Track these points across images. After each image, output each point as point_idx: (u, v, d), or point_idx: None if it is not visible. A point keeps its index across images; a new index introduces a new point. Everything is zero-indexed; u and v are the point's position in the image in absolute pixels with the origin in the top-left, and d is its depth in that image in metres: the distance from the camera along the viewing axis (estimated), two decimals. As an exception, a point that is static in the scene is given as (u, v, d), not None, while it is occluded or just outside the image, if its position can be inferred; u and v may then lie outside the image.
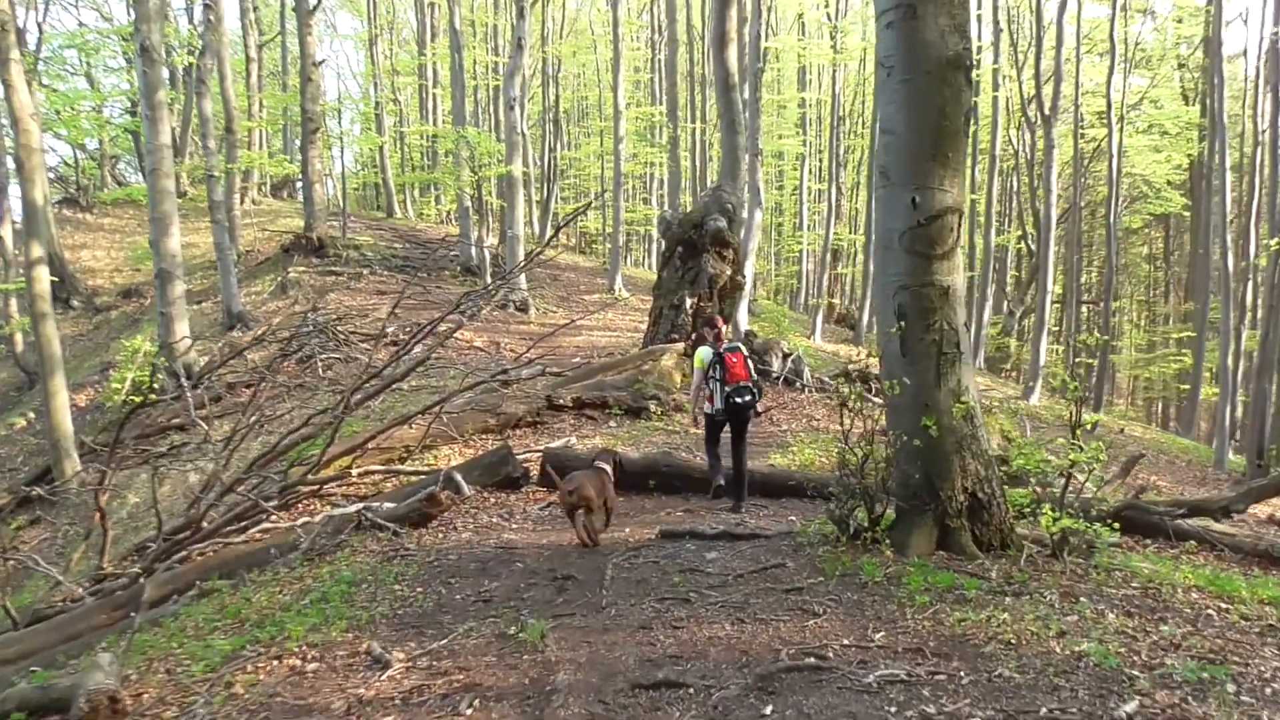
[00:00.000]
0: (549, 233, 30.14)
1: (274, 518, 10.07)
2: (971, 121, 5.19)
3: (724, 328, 9.20)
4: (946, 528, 5.84)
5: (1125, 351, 36.41)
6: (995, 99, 29.54)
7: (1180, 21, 34.07)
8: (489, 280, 23.00)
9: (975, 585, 5.06)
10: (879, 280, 6.11)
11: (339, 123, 28.15)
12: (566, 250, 38.80)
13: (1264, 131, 20.71)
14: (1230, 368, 19.37)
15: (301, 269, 25.24)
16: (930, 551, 5.80)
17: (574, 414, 13.74)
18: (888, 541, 5.87)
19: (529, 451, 11.05)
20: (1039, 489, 6.31)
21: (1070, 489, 6.15)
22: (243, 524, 9.78)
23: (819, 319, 24.57)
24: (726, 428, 8.63)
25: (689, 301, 16.36)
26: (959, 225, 5.81)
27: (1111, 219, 19.94)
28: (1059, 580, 5.44)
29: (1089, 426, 15.35)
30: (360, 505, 8.36)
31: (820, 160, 37.17)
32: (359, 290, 23.99)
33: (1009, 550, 5.86)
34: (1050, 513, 5.81)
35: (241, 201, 34.44)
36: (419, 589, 6.20)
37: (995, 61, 29.17)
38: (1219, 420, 19.37)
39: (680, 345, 15.43)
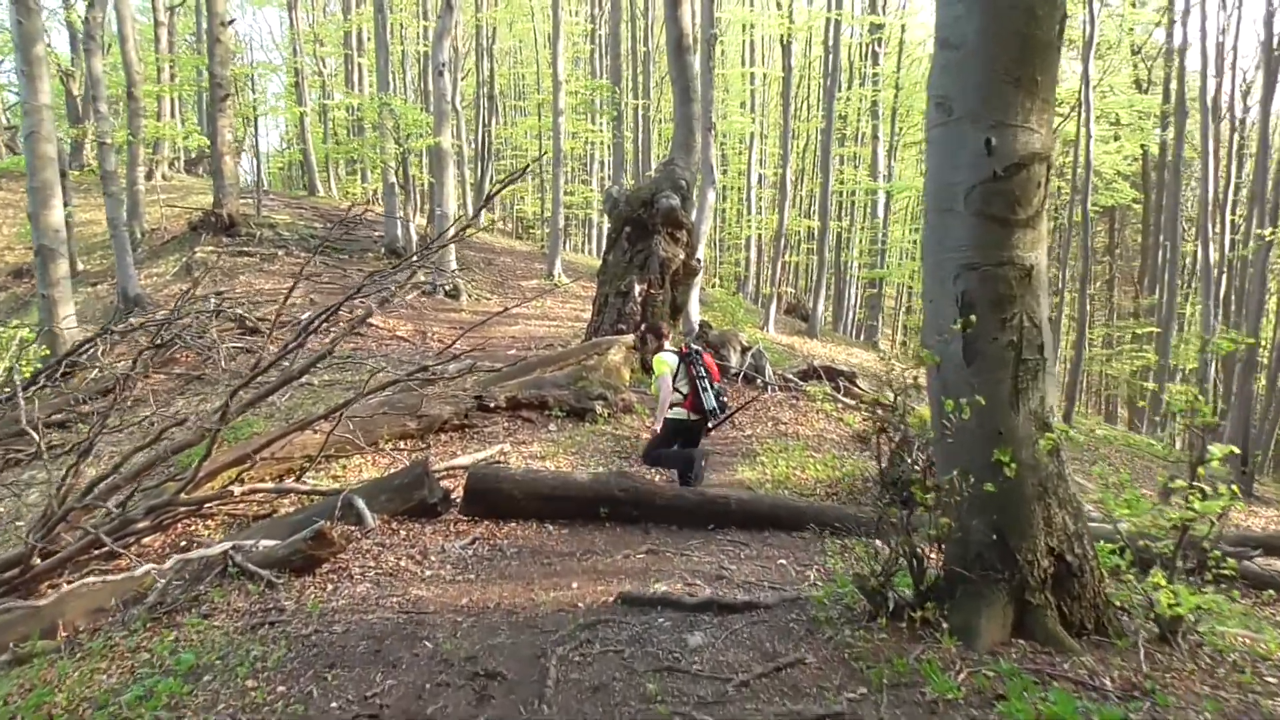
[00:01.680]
0: (484, 207, 28.11)
1: (131, 547, 8.19)
2: (1064, 33, 3.47)
3: (666, 335, 9.13)
4: (1026, 604, 4.19)
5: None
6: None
7: (1135, 5, 33.21)
8: (419, 267, 20.97)
9: (1104, 715, 3.38)
10: (931, 257, 4.42)
11: (251, 91, 25.63)
12: (502, 234, 36.72)
13: (1245, 115, 19.68)
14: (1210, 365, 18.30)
15: (209, 249, 22.89)
16: (1005, 639, 4.15)
17: (508, 416, 11.93)
18: (944, 625, 4.19)
19: (452, 467, 9.21)
20: (1133, 546, 4.69)
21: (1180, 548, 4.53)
22: (107, 549, 7.89)
23: (772, 310, 22.99)
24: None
25: (638, 288, 14.61)
26: (1047, 180, 4.14)
27: (1086, 208, 18.68)
28: (1190, 682, 3.83)
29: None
30: (229, 544, 6.44)
31: (769, 142, 35.65)
32: (273, 273, 21.77)
33: (1108, 634, 4.23)
34: (1164, 583, 4.20)
35: (150, 176, 31.72)
36: (280, 687, 4.37)
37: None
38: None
39: (629, 338, 13.67)
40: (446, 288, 19.96)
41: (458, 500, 7.66)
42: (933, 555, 4.51)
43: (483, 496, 7.33)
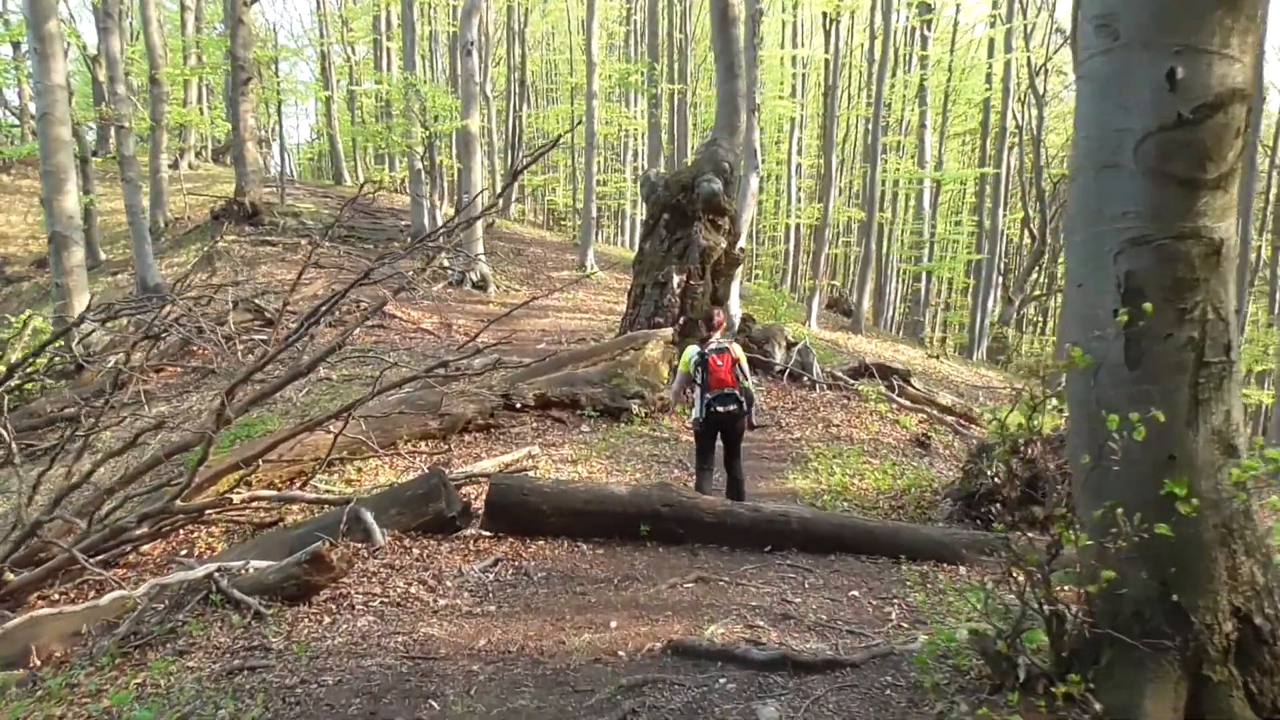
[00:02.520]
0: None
1: (129, 555, 7.42)
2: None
3: (720, 325, 7.77)
4: (1203, 679, 3.22)
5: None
6: (1008, 63, 26.97)
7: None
8: (445, 255, 20.14)
9: None
10: (1082, 230, 3.44)
11: (276, 74, 24.87)
12: (533, 226, 35.88)
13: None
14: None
15: (231, 238, 22.21)
16: (1179, 727, 3.17)
17: (537, 415, 11.05)
18: (1095, 705, 3.21)
19: (473, 475, 8.32)
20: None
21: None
22: (99, 558, 7.16)
23: (815, 303, 21.96)
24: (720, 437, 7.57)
25: (676, 279, 13.66)
26: (1246, 126, 3.15)
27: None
28: None
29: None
30: (214, 566, 5.59)
31: (807, 132, 34.51)
32: (295, 262, 21.01)
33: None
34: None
35: (176, 165, 31.22)
36: (249, 765, 3.49)
37: (1008, 20, 26.59)
38: None
39: (668, 331, 12.73)
40: (474, 278, 19.13)
41: (479, 513, 6.77)
42: (1073, 608, 3.53)
43: (507, 511, 6.43)
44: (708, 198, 13.63)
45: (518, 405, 10.97)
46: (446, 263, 20.39)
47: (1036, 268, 36.25)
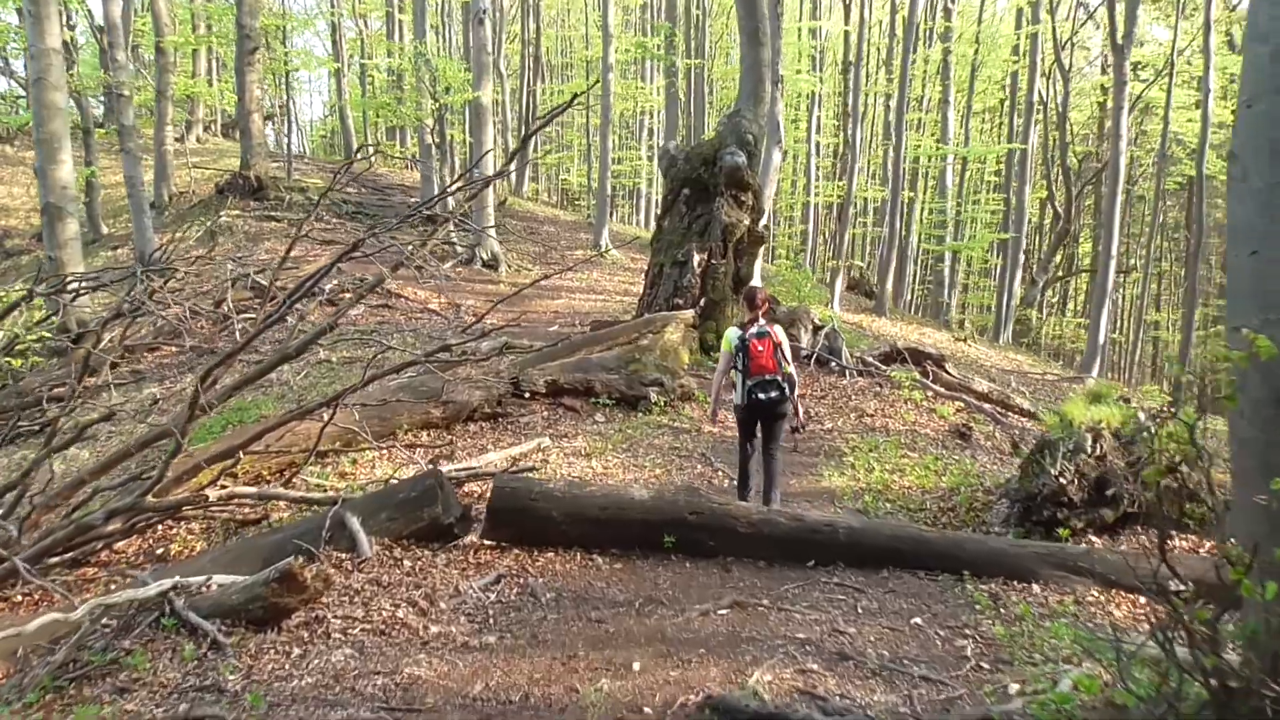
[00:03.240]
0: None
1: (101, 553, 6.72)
2: None
3: (764, 305, 7.25)
4: None
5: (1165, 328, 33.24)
6: (1035, 35, 25.84)
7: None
8: (452, 231, 19.32)
9: None
10: (1259, 175, 2.59)
11: (283, 41, 23.92)
12: (546, 205, 35.00)
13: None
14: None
15: (235, 213, 21.45)
16: None
17: (548, 404, 10.25)
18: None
19: (475, 472, 7.54)
20: None
21: None
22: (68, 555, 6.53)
23: (838, 285, 21.05)
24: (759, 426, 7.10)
25: (697, 257, 12.81)
26: None
27: (1201, 167, 16.52)
28: None
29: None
30: (169, 584, 4.81)
31: (826, 110, 33.46)
32: (301, 238, 20.23)
33: None
34: None
35: (184, 139, 30.47)
36: None
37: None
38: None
39: (688, 313, 11.89)
40: (484, 257, 18.31)
41: (481, 517, 5.96)
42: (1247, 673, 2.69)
43: (512, 518, 5.63)
44: (730, 171, 12.76)
45: (527, 393, 10.18)
46: (455, 240, 19.58)
47: (1060, 248, 35.16)
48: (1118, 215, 19.06)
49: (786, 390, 6.88)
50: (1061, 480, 6.84)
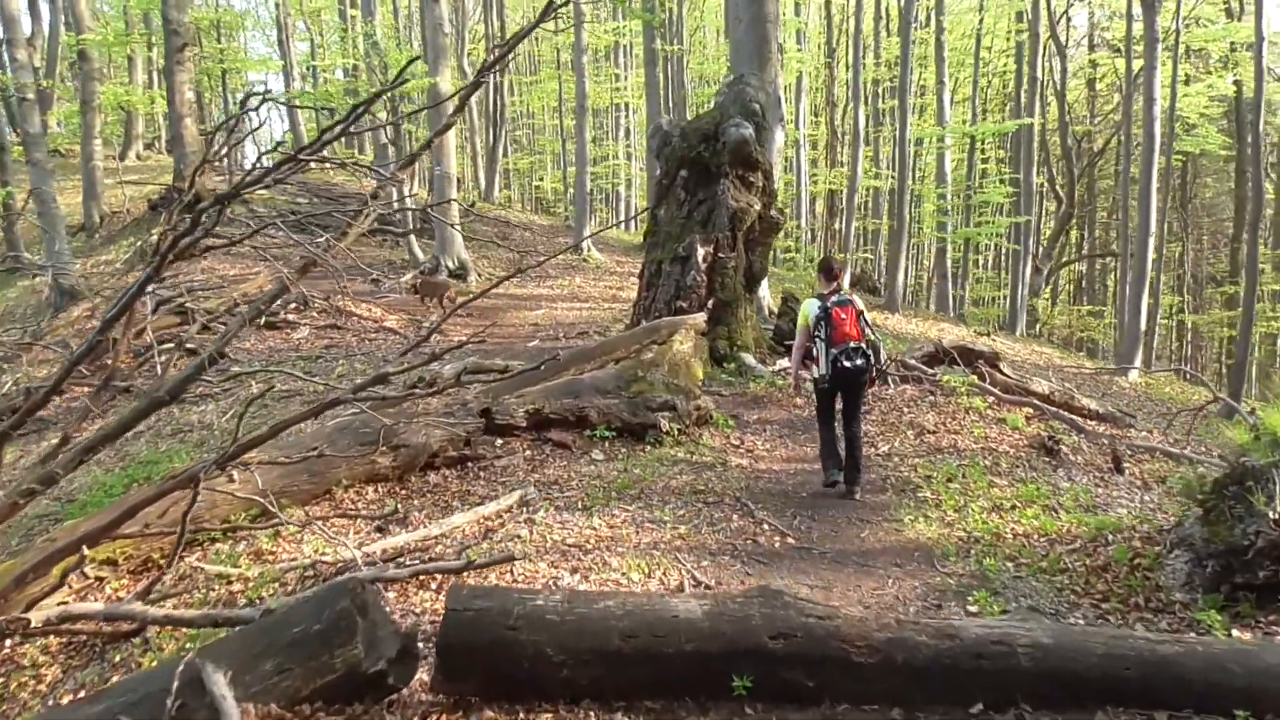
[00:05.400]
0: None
1: None
2: None
3: (840, 275, 7.37)
4: None
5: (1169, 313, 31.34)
6: (1036, 3, 23.88)
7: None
8: (414, 244, 17.08)
9: None
10: None
11: (218, 39, 21.57)
12: (520, 211, 32.74)
13: None
14: None
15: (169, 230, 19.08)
16: None
17: (531, 440, 8.05)
18: None
19: (430, 551, 5.36)
20: None
21: None
22: None
23: (846, 280, 18.94)
24: (839, 399, 7.17)
25: (701, 250, 10.69)
26: None
27: (1258, 132, 14.54)
28: None
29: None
30: None
31: (817, 96, 31.40)
32: (243, 256, 17.98)
33: None
34: None
35: (123, 157, 28.07)
36: None
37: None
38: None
39: (699, 317, 9.75)
40: (450, 266, 16.05)
41: (428, 658, 3.75)
42: None
43: (479, 660, 3.41)
44: (736, 147, 10.66)
45: (504, 425, 7.97)
46: (421, 253, 17.36)
47: (1064, 233, 33.27)
48: (1154, 188, 17.05)
49: (874, 356, 6.96)
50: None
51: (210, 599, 5.41)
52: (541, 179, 39.71)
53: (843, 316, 6.83)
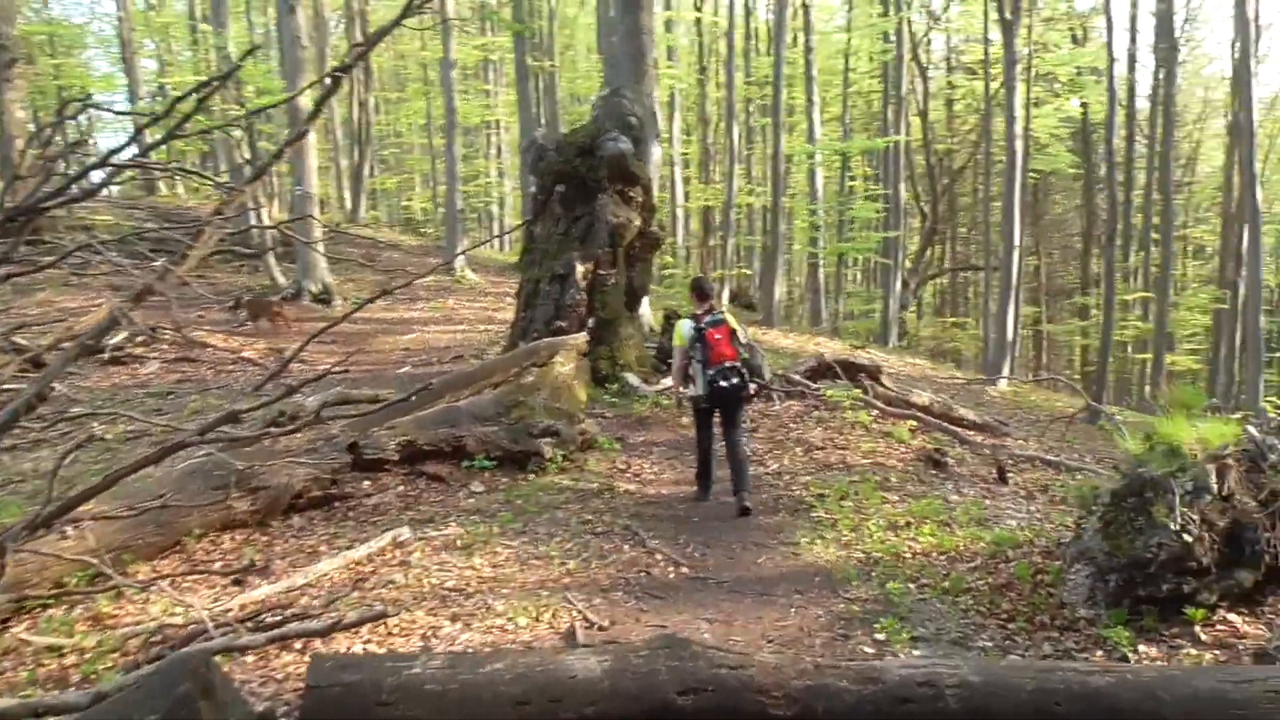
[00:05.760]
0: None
1: None
2: None
3: (715, 294, 8.02)
4: None
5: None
6: (901, 24, 24.58)
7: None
8: (274, 268, 16.15)
9: None
10: None
11: (52, 54, 20.01)
12: (388, 231, 31.70)
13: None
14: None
15: None
16: None
17: (404, 474, 7.51)
18: None
19: (302, 581, 4.80)
20: None
21: None
22: None
23: (725, 297, 18.96)
24: (718, 415, 7.17)
25: (580, 268, 10.35)
26: None
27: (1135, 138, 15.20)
28: None
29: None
30: None
31: (689, 115, 31.58)
32: (83, 287, 16.67)
33: None
34: None
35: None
36: None
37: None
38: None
39: (580, 337, 9.36)
40: (314, 290, 15.22)
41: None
42: None
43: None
44: (614, 160, 10.39)
45: (374, 459, 7.40)
46: (282, 277, 16.43)
47: (929, 248, 34.40)
48: (1018, 202, 17.63)
49: (747, 376, 7.04)
50: (1187, 537, 4.63)
51: (39, 676, 4.70)
52: (411, 199, 38.70)
53: (717, 337, 6.88)
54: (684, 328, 7.09)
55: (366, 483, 7.28)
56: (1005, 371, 17.95)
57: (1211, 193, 39.12)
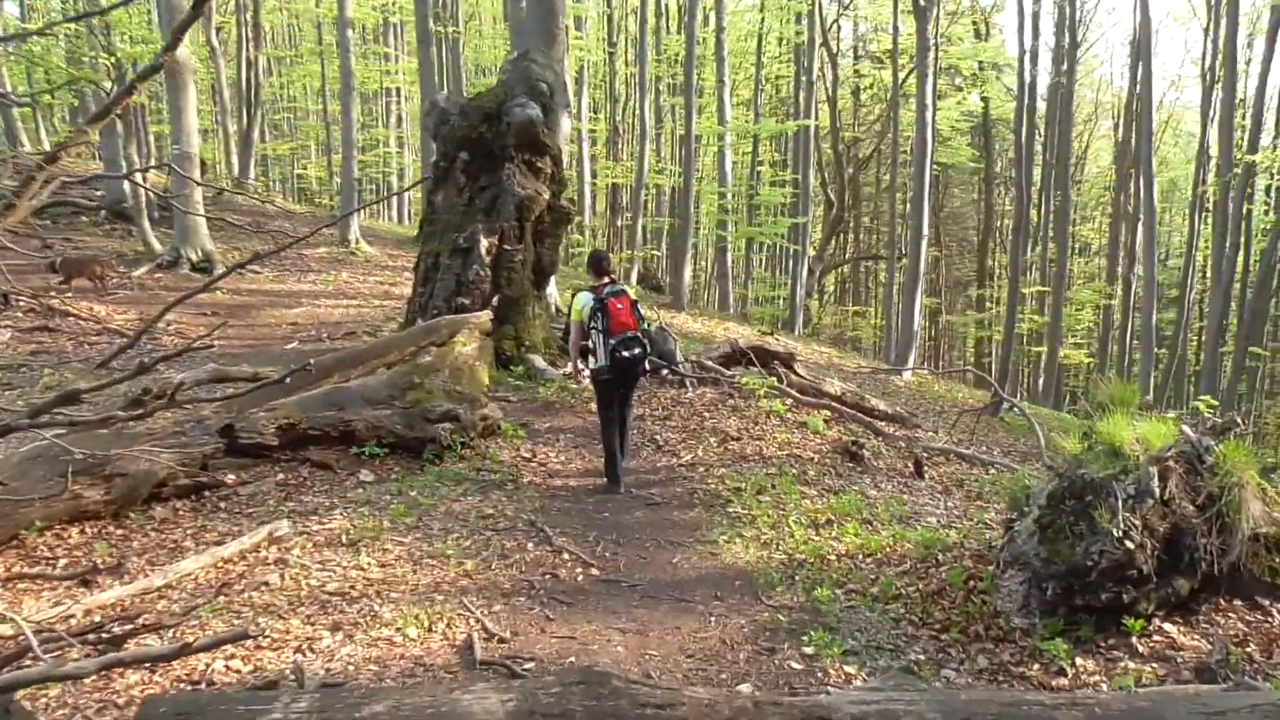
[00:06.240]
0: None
1: None
2: None
3: (611, 271, 7.19)
4: None
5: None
6: (815, 5, 24.37)
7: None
8: (149, 233, 14.92)
9: None
10: None
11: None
12: (280, 200, 30.17)
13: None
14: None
15: None
16: None
17: (286, 461, 6.81)
18: None
19: (161, 582, 4.14)
20: None
21: None
22: None
23: (633, 279, 18.49)
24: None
25: (484, 242, 9.71)
26: None
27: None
28: None
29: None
30: None
31: (597, 91, 30.95)
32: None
33: None
34: None
35: None
36: None
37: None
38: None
39: (484, 315, 8.76)
40: (193, 258, 14.11)
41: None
42: None
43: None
44: (523, 128, 9.77)
45: (251, 444, 6.67)
46: (158, 244, 15.20)
47: (834, 236, 34.62)
48: (927, 192, 17.63)
49: (648, 347, 7.01)
50: (1129, 544, 4.36)
51: None
52: (305, 167, 37.00)
53: (619, 306, 6.76)
54: (582, 299, 6.91)
55: (241, 470, 6.55)
56: (911, 362, 17.98)
57: (1099, 192, 40.58)
